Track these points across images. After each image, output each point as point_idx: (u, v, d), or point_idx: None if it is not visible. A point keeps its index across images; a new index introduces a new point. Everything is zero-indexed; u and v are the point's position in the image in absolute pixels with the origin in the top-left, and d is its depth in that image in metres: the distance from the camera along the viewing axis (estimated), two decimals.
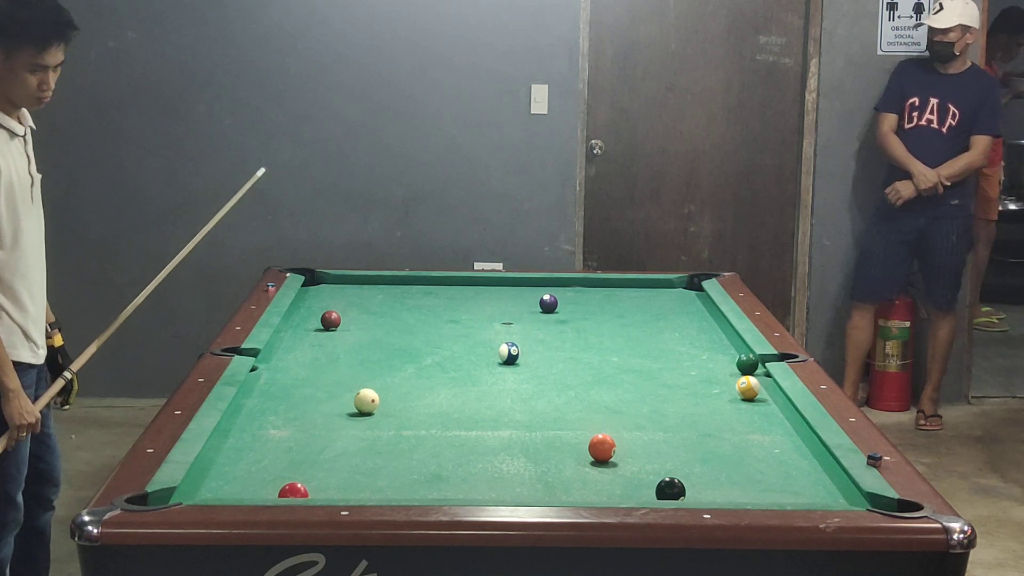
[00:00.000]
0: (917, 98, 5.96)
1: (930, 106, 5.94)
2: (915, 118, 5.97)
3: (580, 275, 5.19)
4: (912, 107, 5.98)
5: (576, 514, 2.48)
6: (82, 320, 6.29)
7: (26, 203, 3.45)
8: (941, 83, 5.95)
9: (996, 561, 4.60)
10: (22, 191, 3.43)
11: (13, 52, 3.36)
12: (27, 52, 3.36)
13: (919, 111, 5.97)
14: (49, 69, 3.42)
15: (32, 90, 3.41)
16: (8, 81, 3.39)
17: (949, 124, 5.93)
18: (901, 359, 6.30)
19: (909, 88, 6.00)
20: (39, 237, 3.56)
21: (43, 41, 3.36)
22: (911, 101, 5.98)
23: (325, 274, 4.88)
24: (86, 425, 5.97)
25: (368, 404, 3.19)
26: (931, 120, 5.95)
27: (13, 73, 3.38)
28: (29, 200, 3.47)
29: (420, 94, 6.24)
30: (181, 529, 2.42)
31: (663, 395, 3.47)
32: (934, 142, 5.93)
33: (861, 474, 2.69)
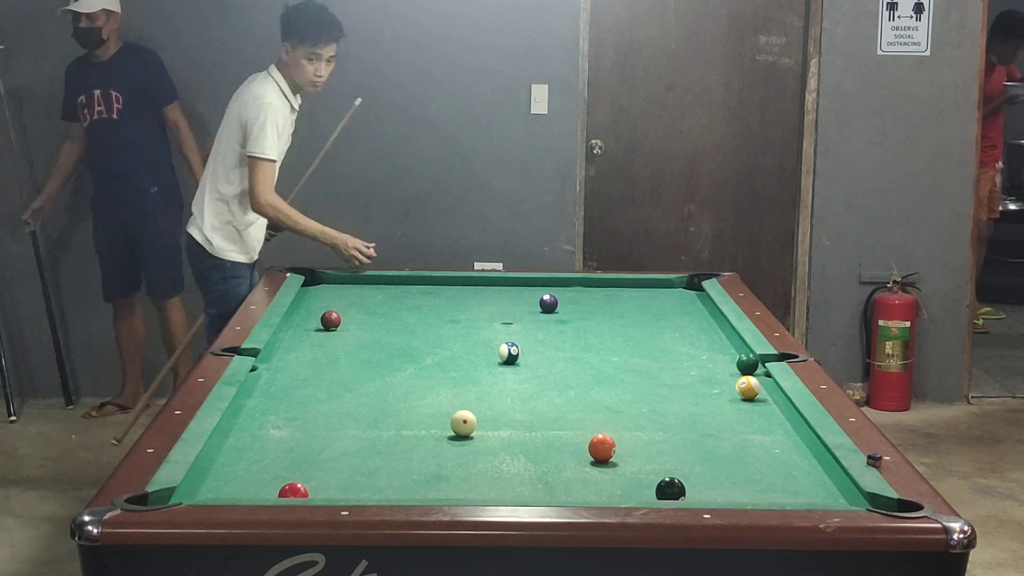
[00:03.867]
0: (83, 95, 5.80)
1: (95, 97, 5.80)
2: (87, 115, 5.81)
3: (580, 275, 5.19)
4: (82, 105, 5.81)
5: (576, 514, 2.48)
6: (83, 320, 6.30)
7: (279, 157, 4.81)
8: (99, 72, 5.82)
9: (996, 561, 4.60)
10: (283, 148, 4.81)
11: (296, 46, 4.69)
12: (305, 46, 4.67)
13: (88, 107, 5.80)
14: (322, 59, 4.71)
15: (310, 76, 4.73)
16: (294, 68, 4.73)
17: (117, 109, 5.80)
18: (901, 359, 6.30)
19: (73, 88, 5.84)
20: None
21: (316, 37, 4.68)
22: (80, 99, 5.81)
23: (325, 274, 4.88)
24: (86, 425, 5.97)
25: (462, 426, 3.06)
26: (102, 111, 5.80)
27: (297, 62, 4.71)
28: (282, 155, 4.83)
29: (420, 94, 6.25)
30: (181, 529, 2.42)
31: (663, 395, 3.46)
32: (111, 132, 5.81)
33: (861, 474, 2.69)
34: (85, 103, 5.80)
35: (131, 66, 5.84)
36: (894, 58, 6.31)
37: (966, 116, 6.37)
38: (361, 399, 3.38)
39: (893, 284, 6.31)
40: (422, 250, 6.21)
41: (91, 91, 5.78)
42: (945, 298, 6.49)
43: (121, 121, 5.80)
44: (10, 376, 6.11)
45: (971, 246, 6.48)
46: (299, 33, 4.70)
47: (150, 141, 5.89)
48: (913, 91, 6.35)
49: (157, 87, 5.90)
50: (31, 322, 6.29)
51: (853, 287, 6.47)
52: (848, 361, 6.49)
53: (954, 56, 6.33)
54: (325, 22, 4.72)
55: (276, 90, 4.75)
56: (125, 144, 5.82)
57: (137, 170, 5.84)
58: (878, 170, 6.39)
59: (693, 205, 6.48)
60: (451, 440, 3.04)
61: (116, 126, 5.80)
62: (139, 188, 5.84)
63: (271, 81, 4.76)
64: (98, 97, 5.78)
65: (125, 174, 5.83)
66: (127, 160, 5.83)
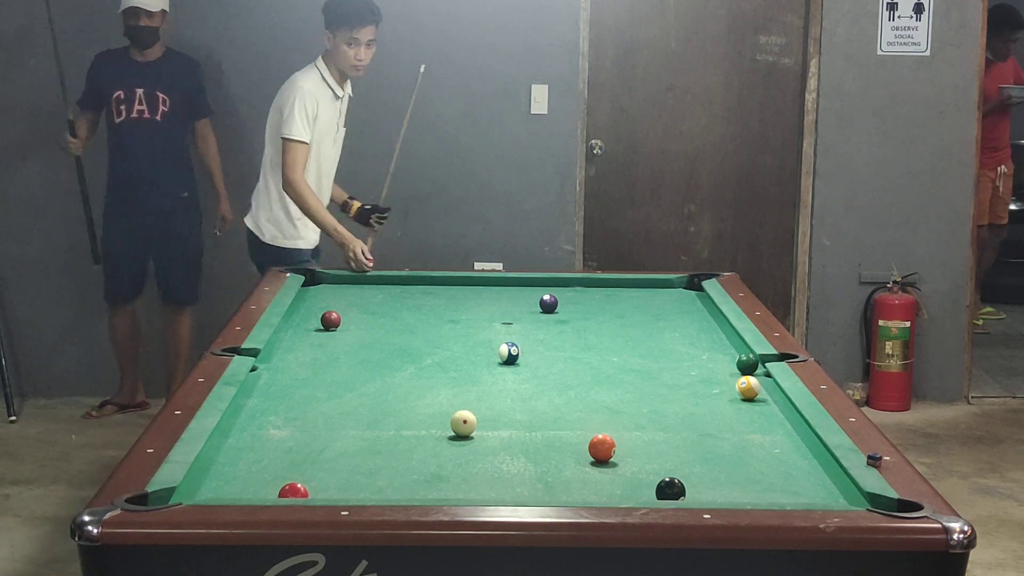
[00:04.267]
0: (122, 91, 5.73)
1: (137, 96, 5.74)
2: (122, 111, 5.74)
3: (580, 275, 5.19)
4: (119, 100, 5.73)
5: (576, 514, 2.48)
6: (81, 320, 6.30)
7: (328, 144, 5.12)
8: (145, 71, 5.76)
9: (996, 561, 4.60)
10: (328, 136, 5.09)
11: (336, 33, 4.98)
12: (343, 31, 4.96)
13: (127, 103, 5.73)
14: (362, 44, 4.98)
15: (351, 60, 5.01)
16: (335, 54, 5.01)
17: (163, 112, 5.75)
18: (901, 359, 6.30)
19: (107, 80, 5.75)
20: (334, 166, 5.24)
21: (353, 21, 4.95)
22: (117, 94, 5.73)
23: (325, 274, 4.88)
24: (86, 425, 5.97)
25: (462, 426, 3.06)
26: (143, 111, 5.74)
27: (338, 49, 4.98)
28: (331, 142, 5.15)
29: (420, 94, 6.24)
30: (181, 529, 2.42)
31: (663, 395, 3.46)
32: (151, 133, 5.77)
33: (861, 474, 2.69)
34: (124, 99, 5.72)
35: (179, 71, 5.81)
36: (894, 58, 6.31)
37: (966, 116, 6.37)
38: (361, 399, 3.38)
39: (893, 284, 6.32)
40: (422, 250, 6.21)
41: (133, 89, 5.71)
42: (945, 298, 6.49)
43: (163, 124, 5.75)
44: (10, 376, 6.11)
45: (971, 246, 6.48)
46: (337, 19, 4.98)
47: (183, 147, 5.87)
48: (913, 91, 6.35)
49: (198, 97, 5.88)
50: (31, 322, 6.29)
51: (853, 287, 6.47)
52: (848, 361, 6.49)
53: (954, 56, 6.33)
54: (361, 6, 4.98)
55: (316, 78, 5.03)
56: (164, 147, 5.78)
57: (170, 174, 5.81)
58: (878, 170, 6.39)
59: (693, 205, 6.48)
60: (451, 440, 3.04)
61: (157, 128, 5.75)
62: (170, 193, 5.80)
63: (314, 70, 5.06)
64: (140, 96, 5.72)
65: (157, 177, 5.77)
66: (163, 163, 5.79)
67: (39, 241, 6.25)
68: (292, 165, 4.95)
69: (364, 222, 5.30)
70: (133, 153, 5.75)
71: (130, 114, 5.72)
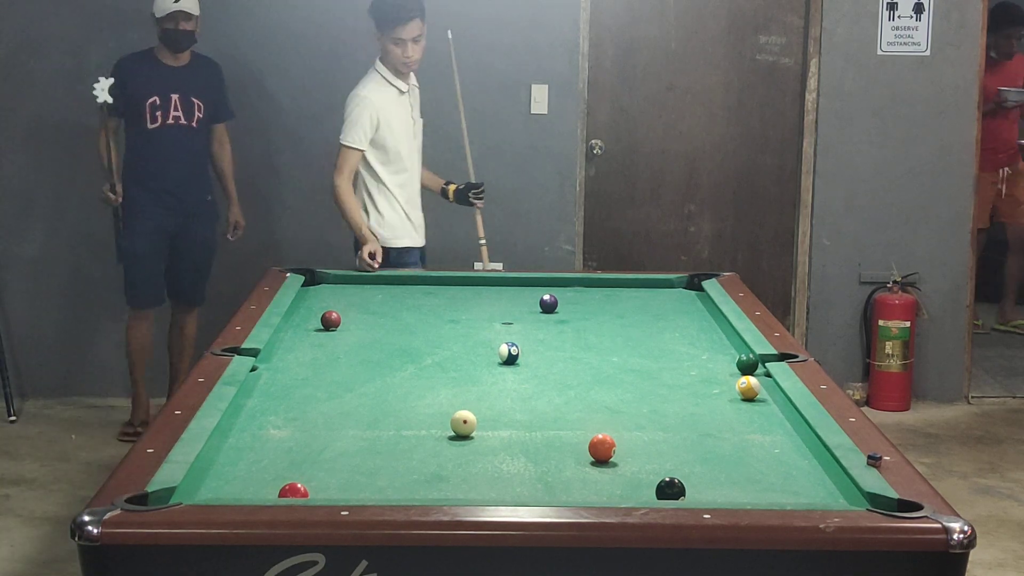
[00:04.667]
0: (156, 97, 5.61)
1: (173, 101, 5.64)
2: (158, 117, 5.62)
3: (580, 275, 5.19)
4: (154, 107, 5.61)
5: (576, 514, 2.48)
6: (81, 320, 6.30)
7: (407, 139, 5.23)
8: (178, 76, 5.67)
9: (996, 561, 4.60)
10: (404, 132, 5.20)
11: (382, 34, 5.08)
12: (387, 32, 5.05)
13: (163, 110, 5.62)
14: (407, 42, 5.05)
15: (400, 58, 5.10)
16: (386, 55, 5.13)
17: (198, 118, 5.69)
18: (901, 359, 6.30)
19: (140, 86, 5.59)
20: (417, 158, 5.34)
21: (394, 20, 5.03)
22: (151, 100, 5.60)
23: (325, 274, 4.88)
24: (86, 425, 5.98)
25: (462, 426, 3.06)
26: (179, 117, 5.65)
27: (386, 49, 5.11)
28: (411, 136, 5.25)
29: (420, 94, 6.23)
30: (181, 529, 2.42)
31: (663, 395, 3.46)
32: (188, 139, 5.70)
33: (861, 474, 2.69)
34: (159, 105, 5.60)
35: (207, 75, 5.75)
36: (894, 58, 6.31)
37: (966, 116, 6.37)
38: (361, 399, 3.38)
39: (893, 284, 6.31)
40: None
41: (168, 95, 5.61)
42: (945, 298, 6.49)
43: (197, 129, 5.71)
44: (10, 376, 6.11)
45: (971, 246, 6.48)
46: (380, 21, 5.08)
47: (208, 152, 5.84)
48: (913, 91, 6.35)
49: (223, 101, 5.84)
50: (31, 322, 6.29)
51: (853, 287, 6.47)
52: (848, 361, 6.49)
53: (954, 56, 6.33)
54: (399, 4, 5.03)
55: (376, 81, 5.16)
56: (197, 151, 5.76)
57: (199, 179, 5.78)
58: (878, 170, 6.39)
59: (693, 205, 6.48)
60: (451, 440, 3.04)
61: (193, 134, 5.70)
62: (198, 196, 5.77)
63: (373, 74, 5.17)
64: (176, 102, 5.63)
65: (189, 181, 5.73)
66: (194, 168, 5.76)
67: (39, 241, 6.24)
68: (339, 168, 5.12)
69: (465, 202, 5.43)
70: (167, 159, 5.66)
71: (166, 120, 5.62)
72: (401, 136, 5.20)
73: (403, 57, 5.08)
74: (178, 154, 5.69)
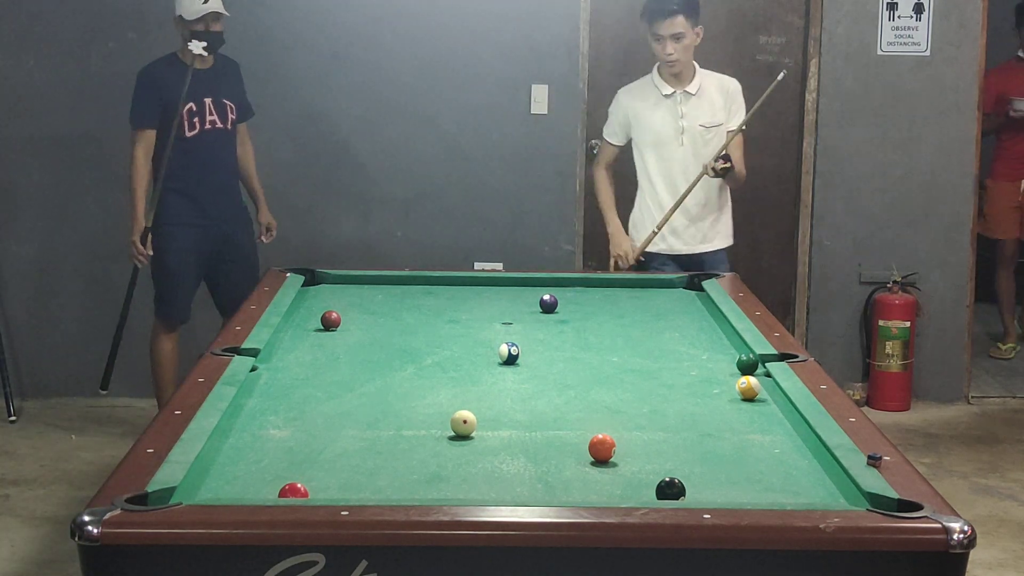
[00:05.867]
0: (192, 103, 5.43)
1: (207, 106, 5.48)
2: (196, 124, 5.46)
3: (580, 275, 5.19)
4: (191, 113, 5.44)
5: (576, 514, 2.48)
6: (81, 320, 6.30)
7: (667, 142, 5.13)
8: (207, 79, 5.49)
9: (996, 561, 4.60)
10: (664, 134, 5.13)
11: (646, 26, 5.06)
12: (648, 28, 5.04)
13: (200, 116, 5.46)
14: (665, 39, 4.99)
15: (661, 56, 5.05)
16: (652, 50, 5.08)
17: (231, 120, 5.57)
18: (901, 359, 6.30)
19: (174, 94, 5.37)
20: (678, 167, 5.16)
21: (649, 17, 5.03)
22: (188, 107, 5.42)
23: (325, 274, 4.87)
24: (86, 425, 5.98)
25: (462, 426, 3.05)
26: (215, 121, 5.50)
27: (650, 46, 5.07)
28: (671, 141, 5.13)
29: (420, 94, 6.25)
30: (181, 529, 2.42)
31: (663, 395, 3.46)
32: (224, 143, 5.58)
33: (861, 474, 2.69)
34: (196, 111, 5.43)
35: (232, 74, 5.61)
36: (894, 58, 6.31)
37: (966, 116, 6.38)
38: (361, 399, 3.38)
39: (893, 284, 6.32)
40: (422, 250, 6.21)
41: (201, 99, 5.43)
42: (945, 298, 6.49)
43: (231, 132, 5.57)
44: (10, 376, 6.12)
45: (971, 246, 6.48)
46: (643, 14, 5.10)
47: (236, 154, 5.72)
48: (913, 91, 6.35)
49: (245, 100, 5.70)
50: (31, 322, 6.29)
51: (853, 287, 6.48)
52: (848, 361, 6.49)
53: (954, 56, 6.33)
54: (650, 2, 5.05)
55: (642, 81, 5.22)
56: (232, 155, 5.62)
57: (235, 182, 5.67)
58: (878, 170, 6.39)
59: None
60: (451, 440, 3.04)
61: (229, 137, 5.56)
62: (236, 201, 5.65)
63: (648, 74, 5.22)
64: (210, 106, 5.45)
65: (228, 186, 5.61)
66: (232, 172, 5.64)
67: (39, 241, 6.25)
68: (596, 159, 5.43)
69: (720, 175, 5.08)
70: (207, 166, 5.50)
71: (203, 126, 5.46)
72: (659, 138, 5.16)
73: (662, 54, 5.03)
74: (217, 160, 5.54)
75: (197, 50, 5.29)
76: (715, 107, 5.16)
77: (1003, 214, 7.15)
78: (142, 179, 5.42)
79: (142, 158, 5.42)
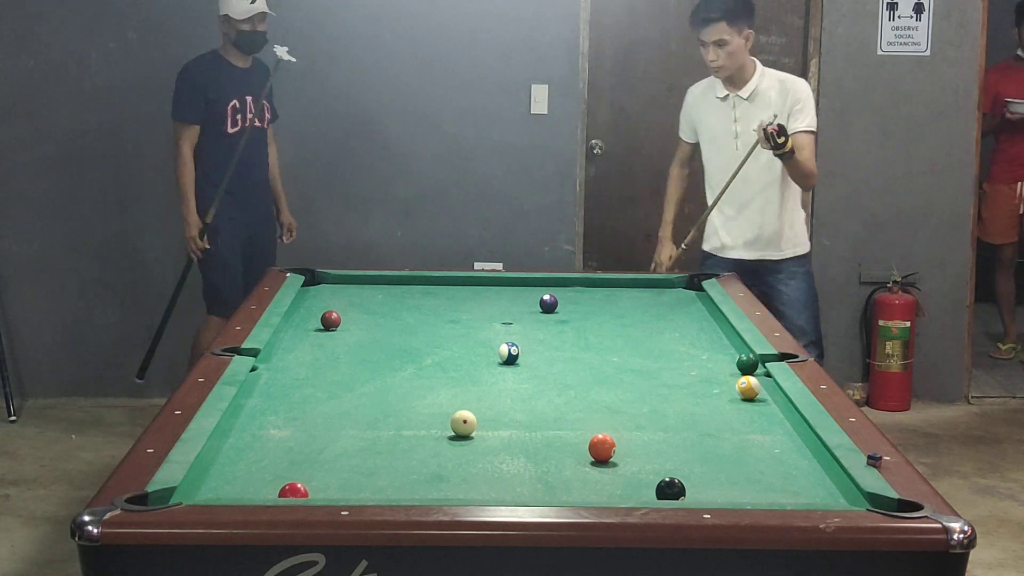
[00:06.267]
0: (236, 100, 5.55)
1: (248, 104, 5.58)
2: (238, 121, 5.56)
3: (580, 275, 5.19)
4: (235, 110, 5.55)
5: (576, 514, 2.48)
6: (81, 320, 6.30)
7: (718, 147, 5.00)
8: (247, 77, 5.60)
9: (996, 561, 4.60)
10: (714, 136, 5.02)
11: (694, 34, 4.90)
12: (694, 31, 4.88)
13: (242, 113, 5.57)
14: (708, 45, 4.83)
15: (708, 63, 4.88)
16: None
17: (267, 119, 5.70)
18: (901, 359, 6.30)
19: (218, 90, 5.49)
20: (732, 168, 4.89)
21: (692, 23, 4.90)
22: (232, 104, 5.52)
23: (325, 274, 4.87)
24: (86, 425, 5.98)
25: (462, 426, 3.05)
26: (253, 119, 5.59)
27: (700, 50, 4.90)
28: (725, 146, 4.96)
29: (420, 94, 6.25)
30: (181, 529, 2.42)
31: (663, 395, 3.46)
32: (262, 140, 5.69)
33: (861, 474, 2.69)
34: (239, 108, 5.54)
35: (265, 76, 5.68)
36: (894, 58, 6.31)
37: (966, 116, 6.38)
38: (361, 399, 3.38)
39: (893, 284, 6.32)
40: (422, 250, 6.21)
41: (243, 97, 5.55)
42: (945, 298, 6.49)
43: (266, 131, 5.69)
44: (10, 376, 6.12)
45: (971, 246, 6.48)
46: (689, 19, 4.94)
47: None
48: (913, 91, 6.35)
49: (272, 101, 5.78)
50: (31, 322, 6.29)
51: (853, 287, 6.48)
52: (848, 361, 6.49)
53: (954, 56, 6.33)
54: (699, 7, 4.87)
55: (705, 83, 5.08)
56: (267, 154, 5.73)
57: (268, 181, 5.77)
58: (878, 170, 6.39)
59: (693, 205, 6.46)
60: (451, 440, 3.04)
61: (265, 136, 5.69)
62: (267, 200, 5.77)
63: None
64: (251, 104, 5.56)
65: (263, 184, 5.73)
66: (266, 170, 5.74)
67: (40, 241, 6.25)
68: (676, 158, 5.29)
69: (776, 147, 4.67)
70: (247, 163, 5.58)
71: (245, 123, 5.55)
72: (708, 141, 5.07)
73: (709, 62, 4.87)
74: (256, 157, 5.65)
75: (283, 55, 5.41)
76: (775, 110, 4.85)
77: (1000, 218, 7.12)
78: (189, 173, 5.54)
79: (187, 153, 5.54)
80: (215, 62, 5.58)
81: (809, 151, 4.87)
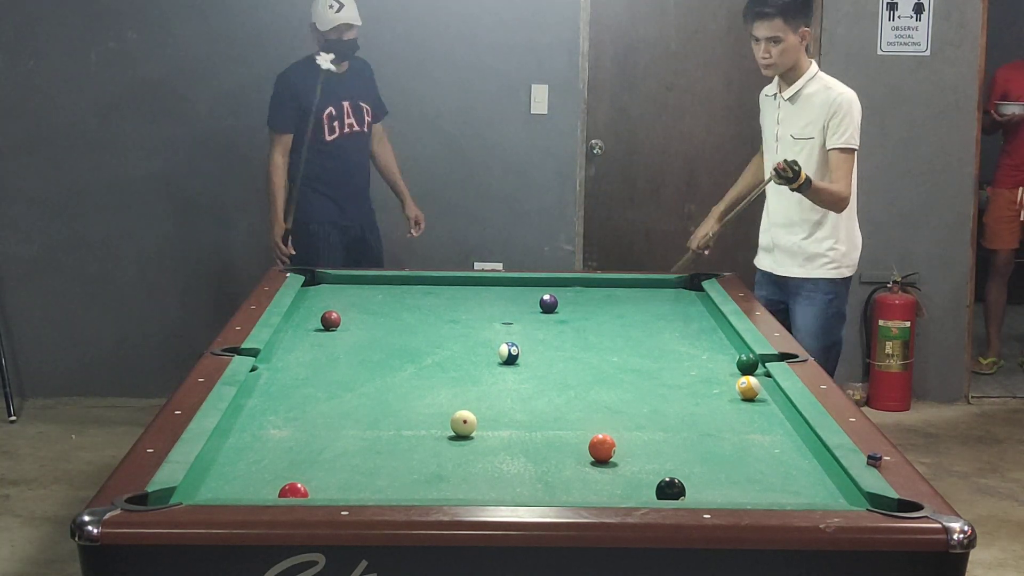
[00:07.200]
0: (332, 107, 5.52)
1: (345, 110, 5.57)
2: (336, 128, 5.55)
3: (580, 275, 5.19)
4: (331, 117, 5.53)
5: (576, 514, 2.48)
6: (81, 320, 6.30)
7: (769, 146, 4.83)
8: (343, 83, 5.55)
9: (996, 561, 4.60)
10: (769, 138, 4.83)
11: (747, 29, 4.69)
12: (746, 26, 4.68)
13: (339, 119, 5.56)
14: (760, 41, 4.61)
15: (758, 60, 4.67)
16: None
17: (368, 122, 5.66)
18: (901, 359, 6.30)
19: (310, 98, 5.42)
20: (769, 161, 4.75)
21: (744, 18, 4.69)
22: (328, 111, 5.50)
23: (325, 274, 4.88)
24: (86, 425, 5.98)
25: (462, 426, 3.05)
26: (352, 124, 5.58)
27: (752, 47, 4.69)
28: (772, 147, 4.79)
29: (420, 94, 6.25)
30: (181, 529, 2.42)
31: (663, 395, 3.46)
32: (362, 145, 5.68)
33: (861, 474, 2.69)
34: (335, 115, 5.52)
35: (366, 76, 5.66)
36: (894, 58, 6.31)
37: (966, 116, 6.38)
38: (361, 399, 3.38)
39: (893, 284, 6.32)
40: (422, 250, 6.21)
41: (340, 103, 5.52)
42: (945, 298, 6.49)
43: (368, 134, 5.65)
44: (10, 376, 6.12)
45: (971, 246, 6.48)
46: (743, 18, 4.71)
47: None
48: (913, 91, 6.35)
49: (379, 100, 5.75)
50: (31, 322, 6.29)
51: (853, 287, 6.44)
52: (848, 361, 6.48)
53: (954, 56, 6.33)
54: (749, 2, 4.64)
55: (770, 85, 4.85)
56: (367, 157, 5.70)
57: (368, 184, 5.73)
58: (878, 170, 6.39)
59: (693, 205, 6.48)
60: (451, 440, 3.04)
61: (366, 139, 5.65)
62: (369, 202, 5.73)
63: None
64: (348, 109, 5.54)
65: (363, 188, 5.69)
66: (367, 174, 5.71)
67: (39, 241, 6.25)
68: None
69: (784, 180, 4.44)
70: (346, 169, 5.59)
71: (343, 130, 5.54)
72: (763, 137, 4.90)
73: (757, 58, 4.64)
74: (355, 163, 5.64)
75: (325, 64, 5.36)
76: (811, 118, 4.61)
77: (1000, 223, 7.07)
78: (280, 180, 5.53)
79: (279, 161, 5.54)
80: (308, 69, 5.47)
81: (842, 172, 4.56)
